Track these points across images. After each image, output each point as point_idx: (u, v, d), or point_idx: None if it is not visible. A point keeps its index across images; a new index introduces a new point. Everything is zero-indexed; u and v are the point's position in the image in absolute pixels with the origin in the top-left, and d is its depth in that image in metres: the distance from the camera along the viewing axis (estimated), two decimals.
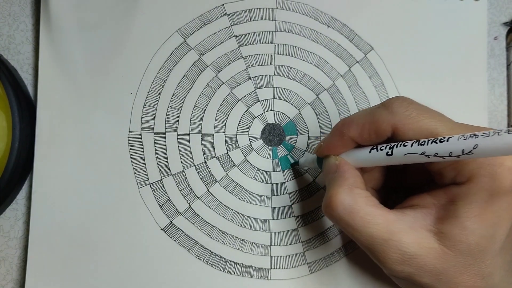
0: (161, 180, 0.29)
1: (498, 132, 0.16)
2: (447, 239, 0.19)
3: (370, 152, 0.21)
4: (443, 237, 0.19)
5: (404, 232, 0.20)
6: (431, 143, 0.18)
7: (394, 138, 0.21)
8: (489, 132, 0.16)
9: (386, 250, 0.20)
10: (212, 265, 0.28)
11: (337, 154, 0.23)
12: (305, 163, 0.28)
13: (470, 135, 0.17)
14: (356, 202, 0.20)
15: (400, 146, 0.20)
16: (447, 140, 0.18)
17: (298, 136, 0.30)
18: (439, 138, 0.18)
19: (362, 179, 0.22)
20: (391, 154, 0.20)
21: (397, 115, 0.20)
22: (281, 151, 0.30)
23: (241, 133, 0.30)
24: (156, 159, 0.29)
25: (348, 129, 0.22)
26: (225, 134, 0.29)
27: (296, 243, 0.29)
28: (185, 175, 0.29)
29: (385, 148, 0.21)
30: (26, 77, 0.29)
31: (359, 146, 0.23)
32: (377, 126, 0.21)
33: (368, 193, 0.21)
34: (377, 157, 0.21)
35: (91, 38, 0.29)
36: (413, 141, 0.19)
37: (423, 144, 0.19)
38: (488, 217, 0.19)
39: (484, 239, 0.19)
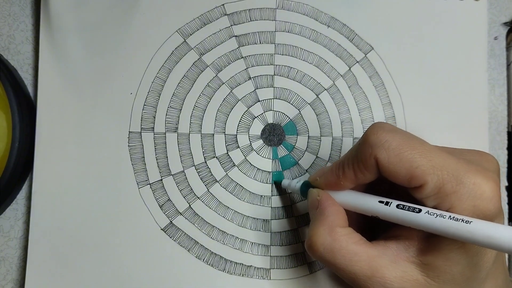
0: (161, 180, 0.29)
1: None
2: (430, 270, 0.19)
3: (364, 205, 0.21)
4: (427, 268, 0.19)
5: (387, 268, 0.20)
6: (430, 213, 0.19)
7: (381, 170, 0.20)
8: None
9: (370, 287, 0.20)
10: (212, 265, 0.28)
11: (336, 190, 0.23)
12: (288, 187, 0.27)
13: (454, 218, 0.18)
14: (336, 241, 0.20)
15: (390, 205, 0.20)
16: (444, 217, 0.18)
17: (298, 136, 0.30)
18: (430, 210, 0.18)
19: (345, 215, 0.22)
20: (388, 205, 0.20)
21: (375, 148, 0.20)
22: (281, 151, 0.30)
23: (241, 133, 0.30)
24: (156, 159, 0.29)
25: (342, 174, 0.21)
26: (225, 134, 0.29)
27: (296, 243, 0.29)
28: (185, 175, 0.29)
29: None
30: (26, 77, 0.29)
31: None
32: (364, 164, 0.20)
33: (349, 230, 0.21)
34: (369, 205, 0.21)
35: (91, 38, 0.29)
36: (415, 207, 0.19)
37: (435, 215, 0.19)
38: (471, 247, 0.19)
39: (468, 268, 0.19)
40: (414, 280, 0.19)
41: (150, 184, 0.29)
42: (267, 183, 0.29)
